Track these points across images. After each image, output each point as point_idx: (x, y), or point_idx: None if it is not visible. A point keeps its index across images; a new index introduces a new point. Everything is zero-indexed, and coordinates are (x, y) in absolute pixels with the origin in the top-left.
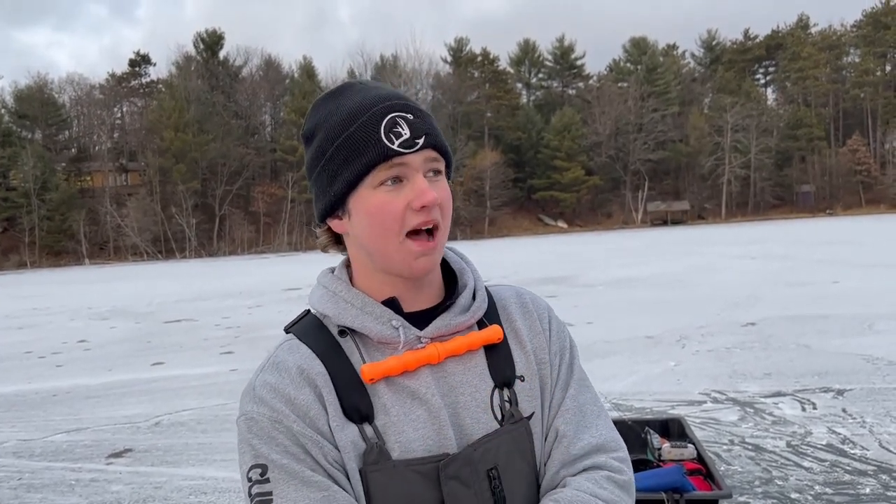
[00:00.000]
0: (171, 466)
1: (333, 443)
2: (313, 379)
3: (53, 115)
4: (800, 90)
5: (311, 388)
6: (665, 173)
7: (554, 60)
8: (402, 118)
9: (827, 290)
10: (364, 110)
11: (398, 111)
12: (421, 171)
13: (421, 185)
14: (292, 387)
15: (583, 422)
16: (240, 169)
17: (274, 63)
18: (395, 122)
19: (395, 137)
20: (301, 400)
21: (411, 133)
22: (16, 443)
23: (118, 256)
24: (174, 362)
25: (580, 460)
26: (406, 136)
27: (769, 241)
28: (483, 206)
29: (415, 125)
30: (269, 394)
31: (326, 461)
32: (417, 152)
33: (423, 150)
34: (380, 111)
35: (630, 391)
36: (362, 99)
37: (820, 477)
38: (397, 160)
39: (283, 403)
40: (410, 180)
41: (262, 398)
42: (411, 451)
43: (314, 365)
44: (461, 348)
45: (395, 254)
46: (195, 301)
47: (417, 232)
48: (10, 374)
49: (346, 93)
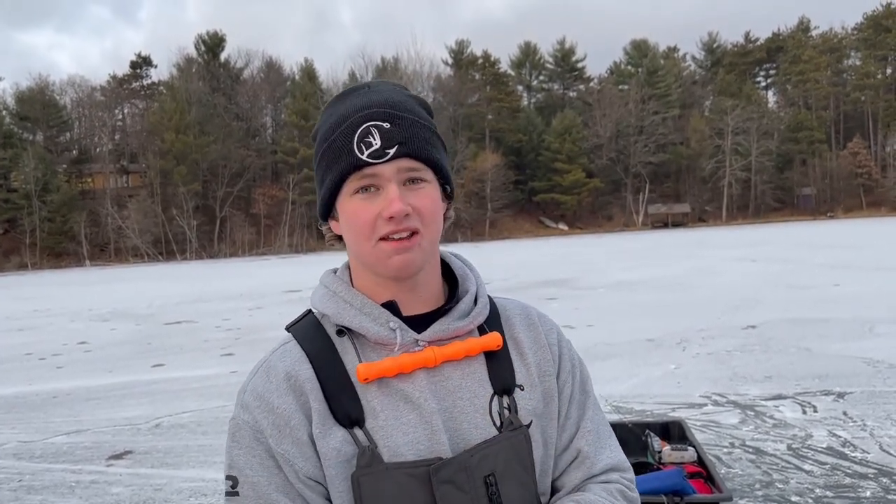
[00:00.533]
0: (172, 468)
1: (311, 452)
2: (301, 386)
3: (55, 117)
4: (800, 93)
5: (296, 395)
6: (666, 176)
7: (555, 63)
8: (377, 127)
9: (828, 293)
10: (346, 118)
11: (375, 120)
12: (394, 181)
13: (390, 196)
14: (276, 395)
15: (599, 442)
16: (241, 171)
17: (275, 65)
18: (368, 131)
19: (365, 147)
20: (283, 409)
21: (382, 143)
22: (16, 444)
23: (119, 258)
24: (174, 364)
25: (599, 477)
26: (376, 146)
27: (770, 244)
28: (484, 208)
29: (388, 134)
30: (254, 401)
31: (298, 479)
32: (388, 162)
33: (395, 160)
34: (357, 120)
35: (631, 394)
36: (350, 106)
37: (820, 480)
38: (368, 170)
39: (266, 413)
40: (384, 189)
41: (248, 405)
42: (400, 455)
43: (303, 370)
44: (459, 353)
45: (370, 256)
46: (196, 303)
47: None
48: (11, 375)
49: (347, 97)
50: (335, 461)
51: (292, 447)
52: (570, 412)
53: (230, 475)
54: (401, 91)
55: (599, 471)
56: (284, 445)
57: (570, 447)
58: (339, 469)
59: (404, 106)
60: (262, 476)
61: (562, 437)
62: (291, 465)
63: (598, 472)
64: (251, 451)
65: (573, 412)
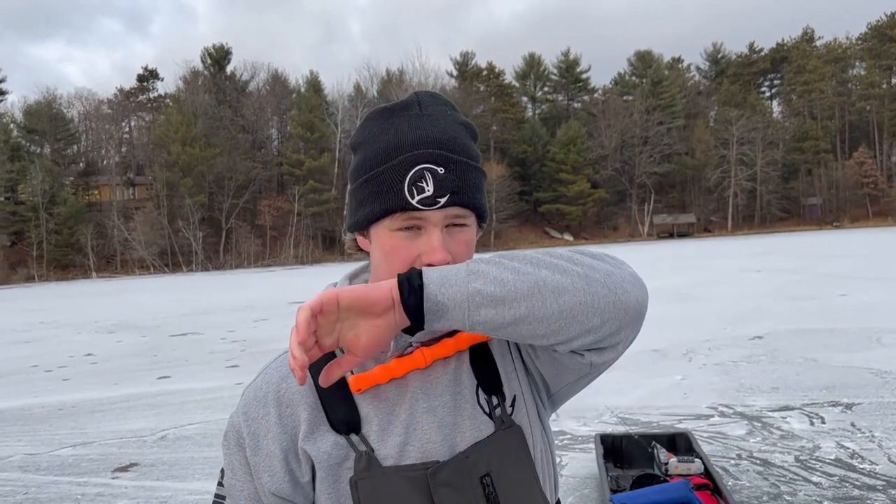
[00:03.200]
0: (177, 481)
1: (280, 468)
2: (290, 398)
3: (62, 130)
4: (805, 103)
5: (281, 407)
6: (671, 186)
7: (559, 74)
8: (431, 172)
9: (834, 303)
10: (398, 150)
11: (429, 163)
12: (439, 227)
13: (433, 243)
14: (261, 405)
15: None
16: (246, 183)
17: (281, 77)
18: (421, 174)
19: (416, 192)
20: (263, 420)
21: (434, 191)
22: (22, 457)
23: (125, 270)
24: (180, 376)
25: None
26: (428, 193)
27: (776, 254)
28: (489, 218)
29: (442, 182)
30: (244, 407)
31: (263, 492)
32: (438, 210)
33: (444, 209)
34: (410, 159)
35: (636, 405)
36: (401, 134)
37: (829, 492)
38: (416, 214)
39: (249, 421)
40: (427, 232)
41: (240, 409)
42: (396, 458)
43: (295, 380)
44: (449, 349)
45: None
46: (201, 315)
47: None
48: (17, 387)
49: (397, 116)
50: (326, 464)
51: (263, 460)
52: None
53: (223, 468)
54: (452, 118)
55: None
56: (256, 457)
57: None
58: (329, 471)
59: (457, 144)
60: (238, 480)
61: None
62: (259, 477)
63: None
64: (234, 454)
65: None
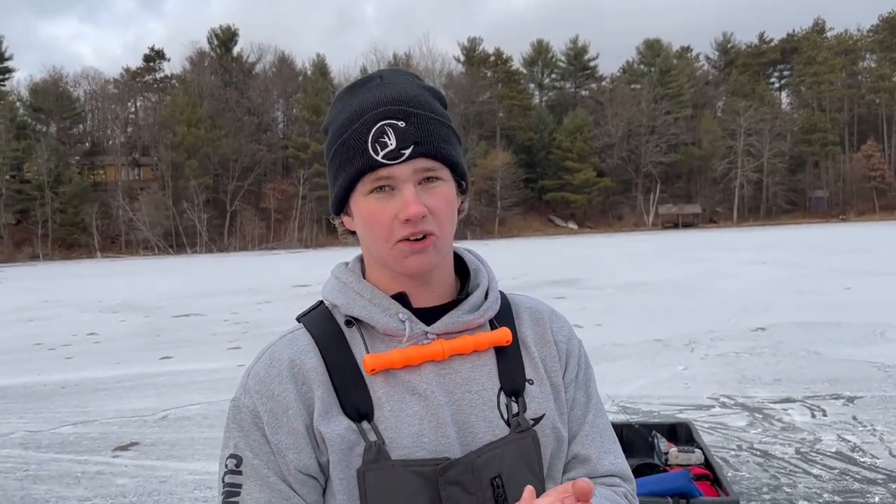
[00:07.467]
0: (177, 461)
1: (306, 444)
2: (304, 374)
3: (68, 109)
4: (814, 95)
5: (298, 384)
6: (677, 176)
7: (567, 61)
8: (392, 126)
9: (839, 296)
10: (360, 115)
11: (390, 118)
12: (410, 182)
13: (406, 198)
14: (277, 381)
15: (603, 446)
16: (251, 165)
17: (287, 60)
18: (382, 130)
19: (380, 148)
20: (282, 397)
21: (397, 143)
22: (23, 434)
23: (129, 250)
24: (182, 357)
25: (602, 479)
26: (391, 146)
27: (781, 247)
28: (494, 206)
29: (404, 134)
30: (256, 385)
31: (288, 471)
32: (404, 163)
33: (411, 161)
34: (371, 118)
35: (638, 395)
36: (363, 100)
37: (829, 485)
38: (383, 172)
39: (265, 399)
40: (399, 190)
41: (250, 389)
42: (405, 447)
43: (308, 359)
44: (468, 347)
45: (387, 256)
46: (204, 296)
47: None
48: (20, 365)
49: (359, 89)
50: (339, 447)
51: (286, 437)
52: (573, 411)
53: (234, 454)
54: (414, 83)
55: (602, 473)
56: (278, 435)
57: (571, 449)
58: (341, 455)
59: (419, 101)
60: (261, 460)
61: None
62: (283, 455)
63: (601, 474)
64: (250, 435)
65: (576, 411)
